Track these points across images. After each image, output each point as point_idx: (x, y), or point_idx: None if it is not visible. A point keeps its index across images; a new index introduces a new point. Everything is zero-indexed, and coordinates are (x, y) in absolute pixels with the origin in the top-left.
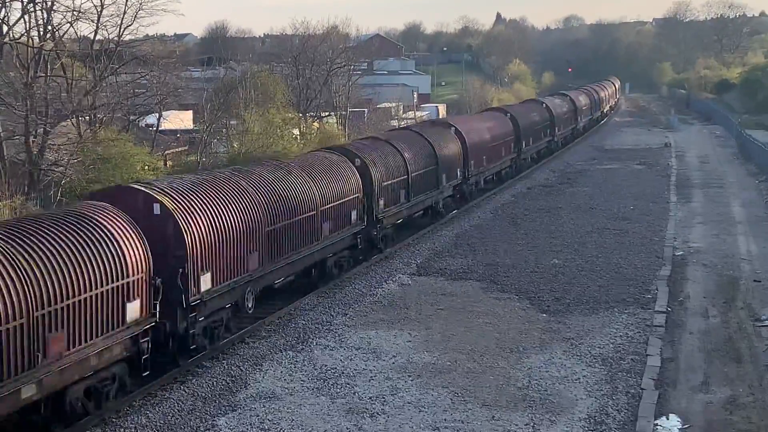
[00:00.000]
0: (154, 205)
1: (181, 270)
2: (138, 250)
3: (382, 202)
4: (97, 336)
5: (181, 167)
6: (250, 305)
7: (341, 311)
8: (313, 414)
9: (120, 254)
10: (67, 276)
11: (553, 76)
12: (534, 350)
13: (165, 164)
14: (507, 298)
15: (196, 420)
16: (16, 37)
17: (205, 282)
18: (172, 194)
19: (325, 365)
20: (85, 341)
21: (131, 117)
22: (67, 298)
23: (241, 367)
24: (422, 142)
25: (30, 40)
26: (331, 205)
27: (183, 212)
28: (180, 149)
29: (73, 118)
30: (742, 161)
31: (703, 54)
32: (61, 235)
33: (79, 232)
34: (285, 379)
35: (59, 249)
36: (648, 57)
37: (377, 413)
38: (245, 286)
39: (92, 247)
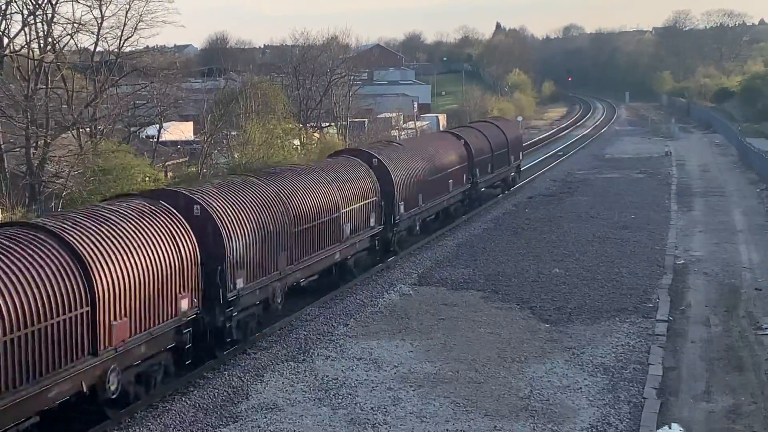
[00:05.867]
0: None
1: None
2: None
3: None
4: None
5: (181, 178)
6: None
7: (342, 321)
8: (314, 425)
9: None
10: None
11: (553, 85)
12: (536, 360)
13: (166, 175)
14: (508, 307)
15: (197, 431)
16: (17, 49)
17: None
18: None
19: (327, 376)
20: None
21: (132, 128)
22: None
23: (243, 378)
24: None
25: (30, 52)
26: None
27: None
28: (180, 160)
29: (73, 129)
30: (743, 169)
31: (703, 62)
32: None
33: None
34: (286, 390)
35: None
36: (648, 66)
37: (379, 424)
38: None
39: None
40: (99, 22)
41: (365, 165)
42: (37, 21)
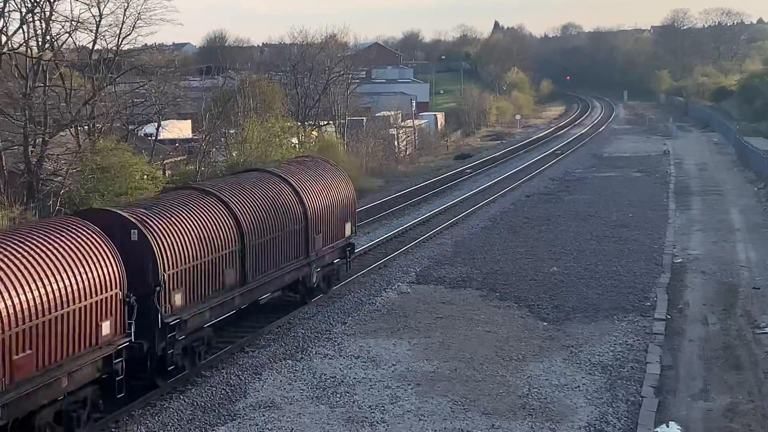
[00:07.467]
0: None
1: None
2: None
3: None
4: None
5: (179, 176)
6: None
7: (340, 320)
8: (312, 423)
9: None
10: None
11: (551, 84)
12: (533, 358)
13: (164, 173)
14: (506, 306)
15: (195, 429)
16: (15, 47)
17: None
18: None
19: (325, 374)
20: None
21: (130, 126)
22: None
23: (241, 377)
24: None
25: (29, 50)
26: None
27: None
28: (179, 158)
29: (71, 127)
30: (741, 168)
31: (701, 61)
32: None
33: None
34: (284, 388)
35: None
36: (646, 64)
37: (377, 422)
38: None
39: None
40: (97, 20)
41: None
42: (35, 19)
